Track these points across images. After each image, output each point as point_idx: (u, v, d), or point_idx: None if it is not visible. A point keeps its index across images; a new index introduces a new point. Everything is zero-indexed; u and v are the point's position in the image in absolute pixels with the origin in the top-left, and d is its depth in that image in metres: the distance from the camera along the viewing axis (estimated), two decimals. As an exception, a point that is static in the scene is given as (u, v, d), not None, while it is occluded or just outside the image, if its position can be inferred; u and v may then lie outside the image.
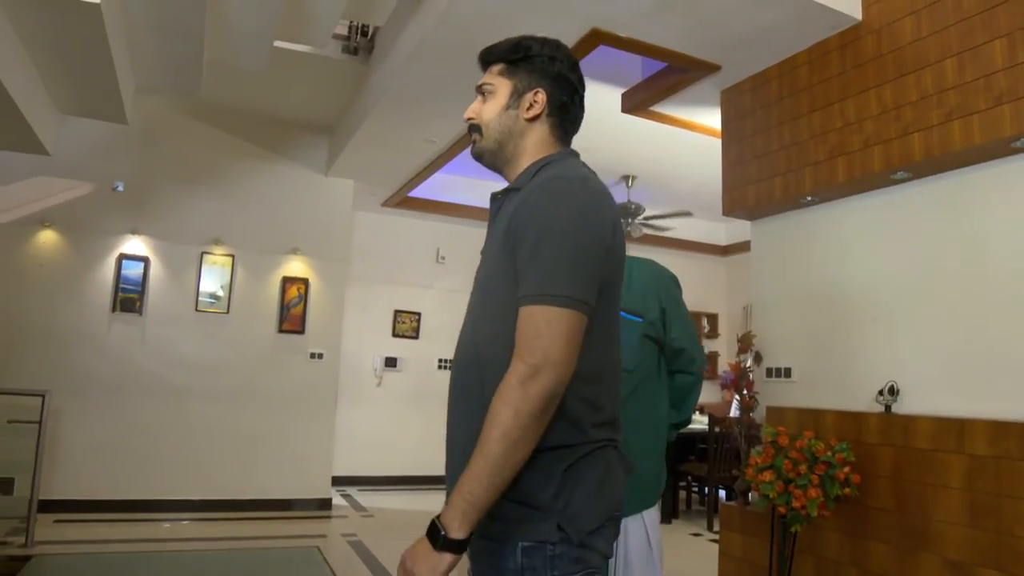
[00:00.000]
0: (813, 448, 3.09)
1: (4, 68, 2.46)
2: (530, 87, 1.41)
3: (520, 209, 1.28)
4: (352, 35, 4.98)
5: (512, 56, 1.43)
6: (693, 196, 7.80)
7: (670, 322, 2.18)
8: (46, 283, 5.68)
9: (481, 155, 1.46)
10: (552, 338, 1.17)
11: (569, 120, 1.47)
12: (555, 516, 1.22)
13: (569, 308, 1.19)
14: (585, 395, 1.26)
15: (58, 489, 5.36)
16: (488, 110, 1.43)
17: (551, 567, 1.22)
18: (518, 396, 1.15)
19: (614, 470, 1.32)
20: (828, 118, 3.50)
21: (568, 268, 1.21)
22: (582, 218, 1.24)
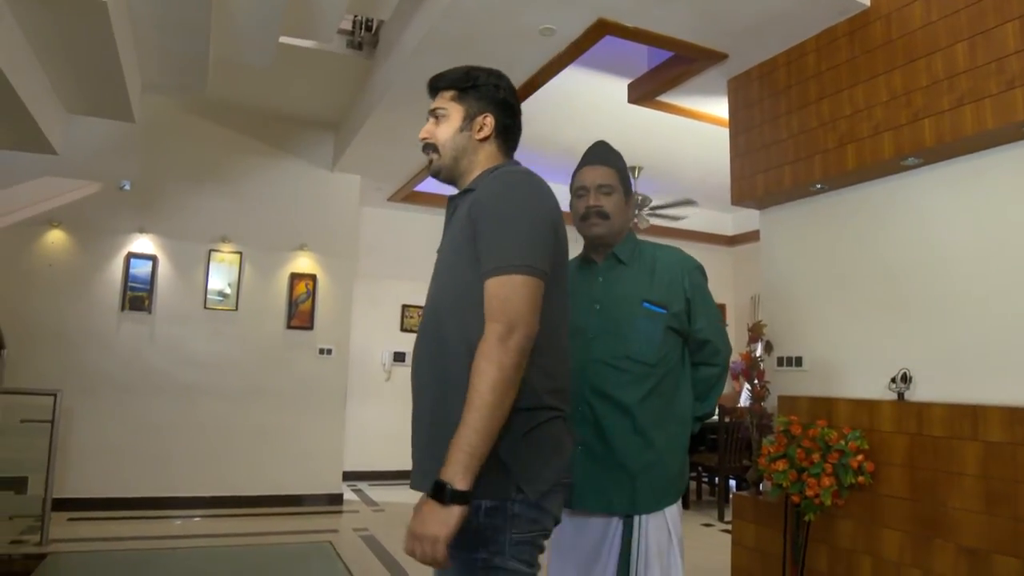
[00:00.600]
0: (826, 437, 3.09)
1: (12, 68, 2.46)
2: (480, 112, 1.61)
3: (478, 199, 1.48)
4: (356, 30, 4.97)
5: (463, 84, 1.62)
6: (700, 186, 7.77)
7: (695, 313, 2.09)
8: (55, 283, 5.70)
9: (439, 172, 1.65)
10: (519, 300, 1.35)
11: (512, 138, 1.68)
12: (515, 477, 1.37)
13: (530, 275, 1.38)
14: (540, 364, 1.42)
15: (71, 488, 5.39)
16: (443, 132, 1.61)
17: (511, 525, 1.36)
18: (499, 352, 1.31)
19: (564, 439, 1.48)
20: (837, 105, 3.47)
21: (526, 242, 1.40)
22: (532, 201, 1.47)
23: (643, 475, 1.96)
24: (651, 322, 2.02)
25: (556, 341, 1.49)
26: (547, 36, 3.70)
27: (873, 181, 3.43)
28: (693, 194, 7.75)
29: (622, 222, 2.11)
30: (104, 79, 3.05)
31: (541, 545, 1.43)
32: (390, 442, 7.58)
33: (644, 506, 1.96)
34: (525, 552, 1.38)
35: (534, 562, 1.41)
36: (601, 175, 2.09)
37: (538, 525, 1.40)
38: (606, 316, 2.04)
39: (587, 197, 2.09)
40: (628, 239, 2.15)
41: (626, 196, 2.13)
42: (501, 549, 1.35)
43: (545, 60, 3.99)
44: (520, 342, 1.33)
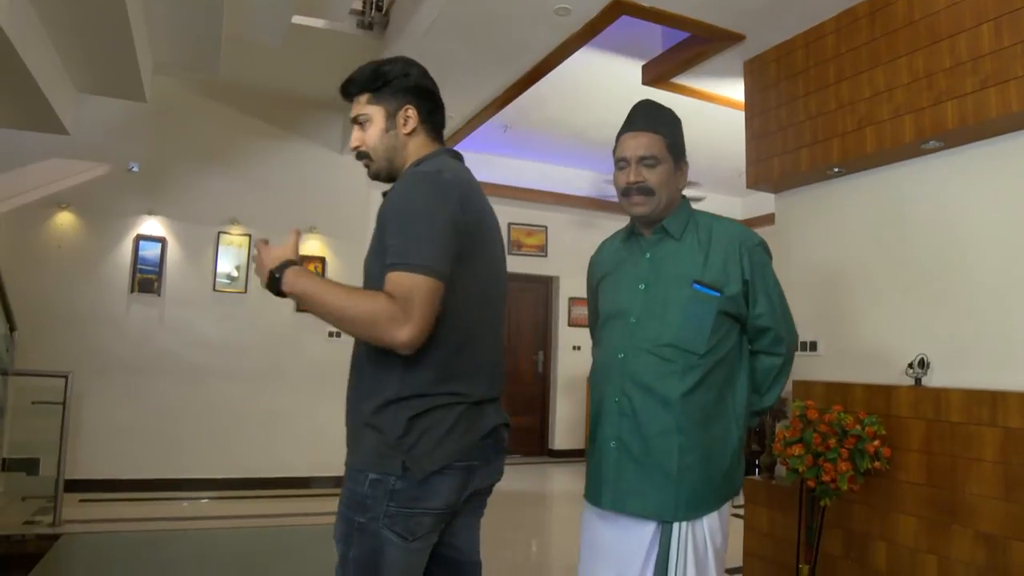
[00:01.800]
0: (842, 422, 3.06)
1: (24, 47, 2.44)
2: (399, 106, 1.64)
3: (387, 199, 1.55)
4: (367, 9, 4.91)
5: (374, 85, 1.64)
6: (710, 170, 7.72)
7: (755, 296, 1.84)
8: (65, 265, 5.70)
9: (378, 175, 1.70)
10: (420, 298, 1.41)
11: (437, 122, 1.71)
12: (401, 455, 1.46)
13: (426, 275, 1.42)
14: (435, 357, 1.49)
15: (82, 469, 5.41)
16: (370, 136, 1.65)
17: (389, 499, 1.45)
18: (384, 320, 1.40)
19: (462, 424, 1.52)
20: (857, 87, 3.42)
21: (422, 241, 1.45)
22: (431, 201, 1.49)
23: (684, 478, 1.76)
24: (702, 306, 1.78)
25: (465, 335, 1.54)
26: (562, 16, 3.66)
27: (892, 164, 3.38)
28: (703, 177, 7.71)
29: (670, 195, 1.87)
30: (116, 58, 3.02)
31: (425, 523, 1.50)
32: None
33: (684, 512, 1.75)
34: (399, 524, 1.46)
35: (411, 535, 1.48)
36: (644, 144, 1.84)
37: (419, 503, 1.47)
38: (652, 298, 1.83)
39: (628, 171, 1.86)
40: (681, 209, 1.91)
41: (676, 164, 1.88)
42: (377, 517, 1.46)
43: (559, 41, 3.95)
44: (408, 337, 1.40)
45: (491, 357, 1.62)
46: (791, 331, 1.92)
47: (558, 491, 7.07)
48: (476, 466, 1.56)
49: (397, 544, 1.47)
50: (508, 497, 6.50)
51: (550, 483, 7.41)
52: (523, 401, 8.44)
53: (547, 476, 7.66)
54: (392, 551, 1.47)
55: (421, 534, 1.50)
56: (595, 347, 1.99)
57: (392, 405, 1.48)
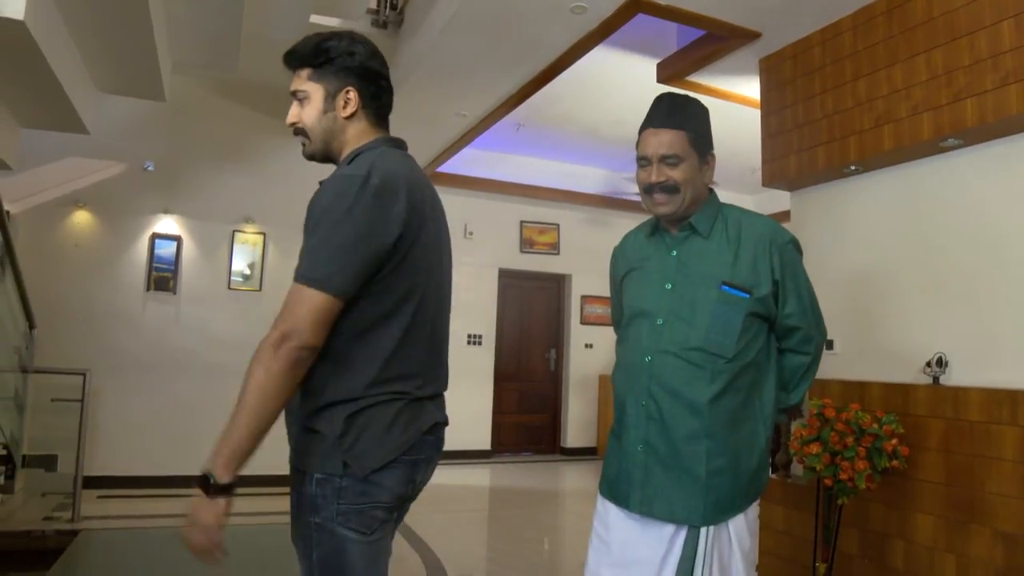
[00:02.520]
0: (860, 420, 3.06)
1: (50, 49, 2.46)
2: (341, 87, 1.55)
3: (311, 201, 1.47)
4: (382, 8, 4.93)
5: (315, 61, 1.55)
6: (723, 167, 7.65)
7: (784, 295, 1.77)
8: (82, 263, 5.75)
9: (313, 156, 1.62)
10: (301, 315, 1.37)
11: (382, 106, 1.62)
12: (341, 454, 1.44)
13: (320, 291, 1.38)
14: (369, 361, 1.46)
15: (99, 466, 5.46)
16: (308, 115, 1.57)
17: (338, 497, 1.45)
18: (268, 356, 1.36)
19: (403, 420, 1.50)
20: (874, 85, 3.41)
21: (327, 256, 1.39)
22: (350, 212, 1.40)
23: (713, 483, 1.72)
24: (730, 308, 1.72)
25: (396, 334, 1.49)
26: (578, 14, 3.66)
27: (910, 163, 3.37)
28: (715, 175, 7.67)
29: (696, 191, 1.79)
30: (138, 58, 3.05)
31: (379, 516, 1.50)
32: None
33: (712, 516, 1.72)
34: (353, 520, 1.46)
35: (368, 529, 1.48)
36: (666, 142, 1.76)
37: (367, 498, 1.47)
38: (679, 298, 1.77)
39: (650, 170, 1.78)
40: (709, 205, 1.83)
41: (701, 158, 1.80)
42: (331, 516, 1.45)
43: (575, 39, 3.95)
44: (290, 351, 1.36)
45: (433, 355, 1.60)
46: (821, 330, 1.88)
47: (571, 489, 7.08)
48: (421, 460, 1.55)
49: (356, 540, 1.47)
50: (522, 495, 6.52)
51: (563, 481, 7.42)
52: (536, 399, 8.46)
53: (560, 474, 7.68)
54: (353, 547, 1.47)
55: (377, 526, 1.50)
56: (619, 345, 1.94)
57: (328, 408, 1.47)
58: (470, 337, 7.92)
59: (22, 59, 2.40)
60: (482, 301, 8.05)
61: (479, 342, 8.02)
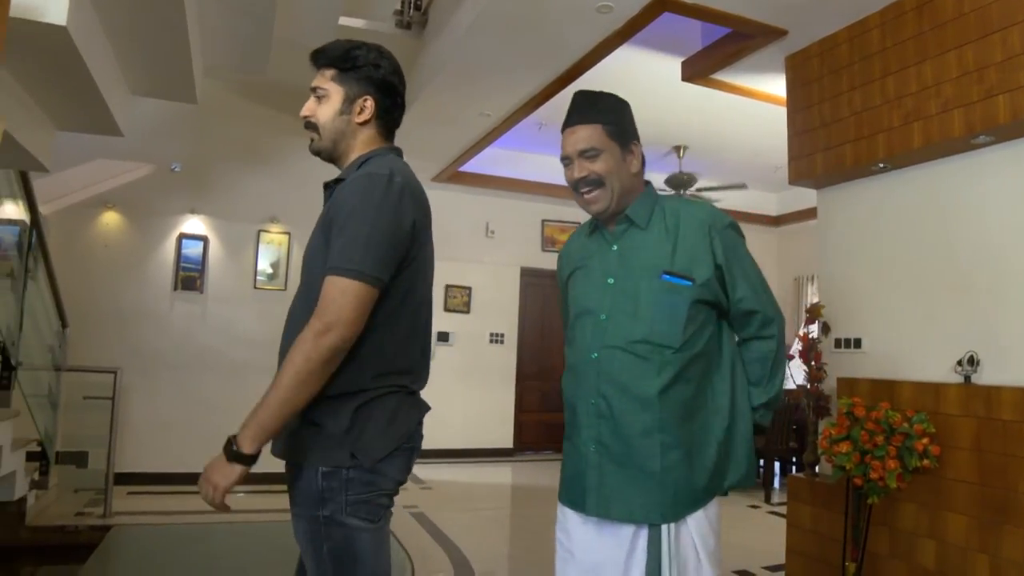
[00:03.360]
0: (890, 419, 3.05)
1: (88, 53, 2.51)
2: (360, 94, 1.64)
3: (336, 197, 1.55)
4: (406, 9, 4.96)
5: (342, 64, 1.64)
6: (746, 166, 7.67)
7: (732, 279, 1.73)
8: (111, 263, 5.84)
9: (319, 152, 1.69)
10: (343, 304, 1.44)
11: (392, 120, 1.71)
12: (348, 446, 1.50)
13: (360, 281, 1.45)
14: (374, 355, 1.53)
15: (129, 462, 5.55)
16: (323, 113, 1.65)
17: (346, 489, 1.50)
18: (310, 346, 1.42)
19: (403, 411, 1.59)
20: (903, 82, 3.39)
21: (363, 248, 1.47)
22: (380, 208, 1.50)
23: (668, 477, 1.67)
24: (673, 297, 1.68)
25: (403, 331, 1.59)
26: (604, 14, 3.66)
27: (940, 160, 3.34)
28: (738, 173, 7.66)
29: (623, 181, 1.76)
30: (172, 61, 3.10)
31: (384, 503, 1.57)
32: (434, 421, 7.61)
33: (671, 513, 1.67)
34: (362, 510, 1.52)
35: (375, 519, 1.55)
36: (583, 138, 1.75)
37: (374, 487, 1.53)
38: (621, 292, 1.74)
39: (572, 168, 1.78)
40: (645, 197, 1.80)
41: (624, 147, 1.77)
42: (340, 508, 1.50)
43: (600, 38, 3.95)
44: (333, 342, 1.43)
45: (424, 353, 1.69)
46: (777, 311, 1.80)
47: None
48: (415, 448, 1.65)
49: (365, 528, 1.52)
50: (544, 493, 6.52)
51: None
52: (558, 398, 8.42)
53: (581, 472, 7.69)
54: (363, 536, 1.52)
55: (382, 514, 1.57)
56: (567, 347, 1.89)
57: (334, 400, 1.51)
58: (492, 336, 7.95)
59: (62, 63, 2.45)
60: (504, 300, 8.07)
61: (501, 341, 8.04)
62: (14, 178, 4.22)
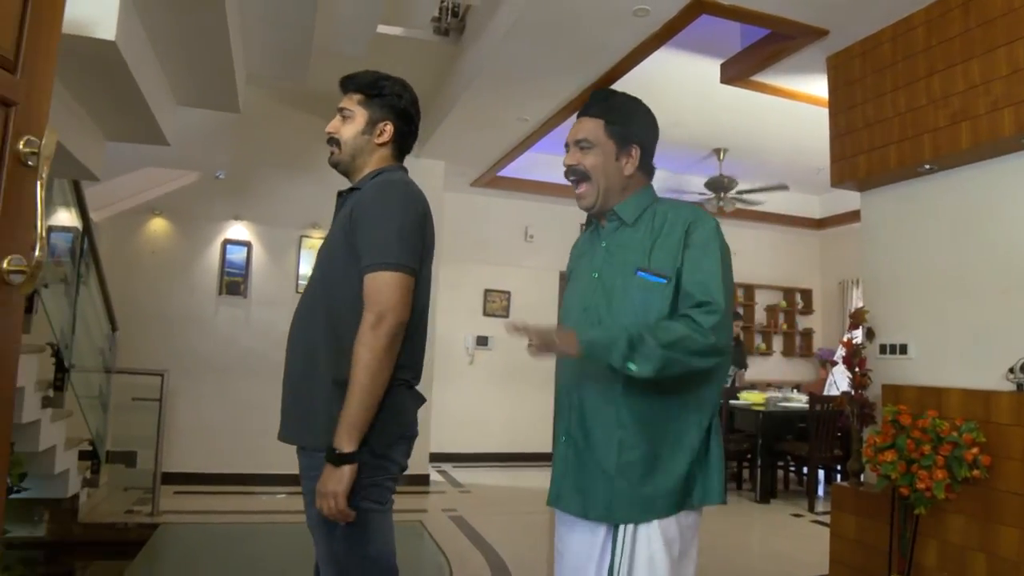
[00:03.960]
0: (937, 428, 2.96)
1: (136, 66, 2.59)
2: (382, 119, 1.84)
3: (360, 202, 1.72)
4: (443, 16, 5.00)
5: (370, 91, 1.84)
6: (787, 168, 7.54)
7: (689, 265, 1.64)
8: (159, 269, 6.00)
9: (337, 164, 1.87)
10: (390, 293, 1.62)
11: (406, 145, 1.91)
12: (366, 434, 1.61)
13: (399, 271, 1.64)
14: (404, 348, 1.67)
15: (175, 463, 5.68)
16: (347, 131, 1.84)
17: (359, 474, 1.60)
18: (370, 338, 1.59)
19: (407, 403, 1.74)
20: (949, 81, 3.30)
21: (396, 242, 1.65)
22: (404, 207, 1.70)
23: (623, 478, 1.62)
24: (650, 295, 1.64)
25: (419, 325, 1.76)
26: (641, 17, 3.64)
27: (989, 160, 3.25)
28: (780, 176, 7.53)
29: (613, 179, 1.76)
30: (215, 72, 3.18)
31: (390, 486, 1.71)
32: (473, 425, 7.69)
33: (623, 515, 1.61)
34: (373, 493, 1.66)
35: (384, 501, 1.70)
36: (582, 128, 1.78)
37: (383, 471, 1.68)
38: (602, 287, 1.73)
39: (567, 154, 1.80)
40: (639, 196, 1.78)
41: (621, 147, 1.76)
42: (354, 491, 1.60)
43: (637, 42, 3.93)
44: (389, 327, 1.60)
45: (423, 349, 1.83)
46: (726, 323, 1.61)
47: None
48: (415, 436, 1.79)
49: (376, 510, 1.66)
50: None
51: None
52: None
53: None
54: (375, 518, 1.66)
55: (388, 497, 1.72)
56: None
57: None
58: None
59: (111, 77, 2.53)
60: (543, 304, 8.06)
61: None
62: (67, 187, 4.37)
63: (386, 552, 1.71)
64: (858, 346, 3.62)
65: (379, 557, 1.69)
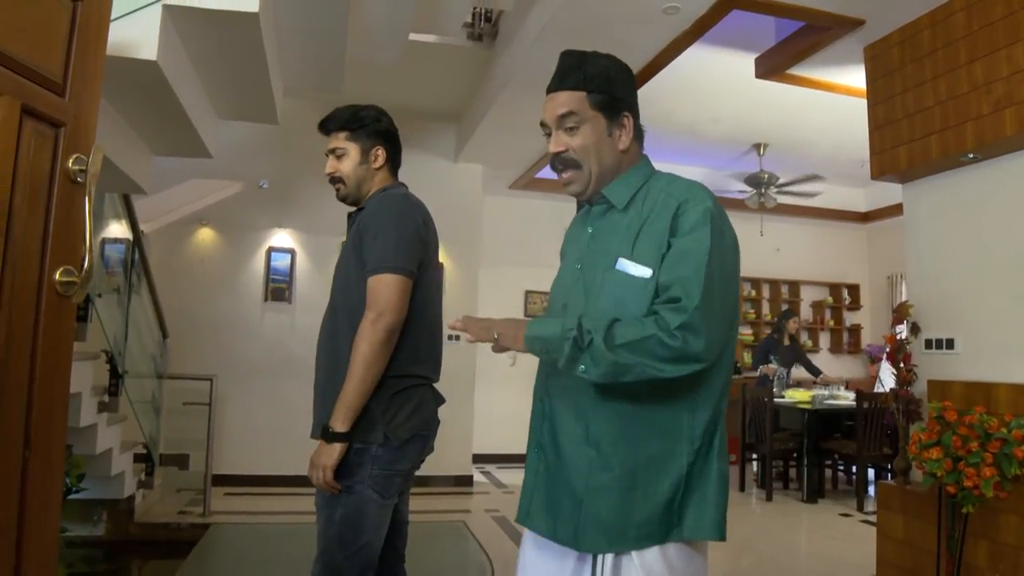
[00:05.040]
0: (986, 424, 2.89)
1: (176, 81, 2.70)
2: (372, 145, 2.02)
3: (363, 215, 1.91)
4: (476, 21, 5.05)
5: (353, 126, 2.01)
6: (829, 162, 7.41)
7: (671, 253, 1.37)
8: (207, 277, 6.18)
9: (346, 198, 2.05)
10: (388, 293, 1.78)
11: (398, 161, 2.10)
12: (383, 426, 1.80)
13: (398, 274, 1.80)
14: (407, 342, 1.84)
15: (225, 465, 5.83)
16: (346, 166, 2.01)
17: (372, 463, 1.79)
18: (369, 332, 1.76)
19: (426, 401, 1.91)
20: (993, 67, 3.21)
21: (394, 247, 1.82)
22: (401, 218, 1.88)
23: (593, 500, 1.38)
24: (627, 291, 1.38)
25: (420, 327, 1.89)
26: (671, 15, 3.63)
27: (1036, 148, 3.15)
28: (823, 170, 7.40)
29: (607, 159, 1.48)
30: (253, 85, 3.28)
31: (396, 482, 1.85)
32: (516, 426, 7.70)
33: (589, 542, 1.38)
34: (380, 484, 1.81)
35: (388, 494, 1.83)
36: (562, 102, 1.46)
37: (395, 464, 1.83)
38: (583, 280, 1.48)
39: (550, 139, 1.50)
40: (632, 174, 1.51)
41: (610, 118, 1.47)
42: (362, 479, 1.79)
43: (668, 40, 3.92)
44: (387, 324, 1.76)
45: (439, 348, 1.98)
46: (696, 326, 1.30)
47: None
48: (429, 435, 1.93)
49: (376, 501, 1.81)
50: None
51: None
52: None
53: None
54: (372, 507, 1.81)
55: (393, 492, 1.85)
56: None
57: (383, 382, 1.80)
58: (571, 341, 7.94)
59: (154, 94, 2.64)
60: (582, 304, 8.07)
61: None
62: (118, 200, 4.54)
63: (374, 543, 1.84)
64: (902, 341, 3.54)
65: (365, 546, 1.82)
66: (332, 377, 1.85)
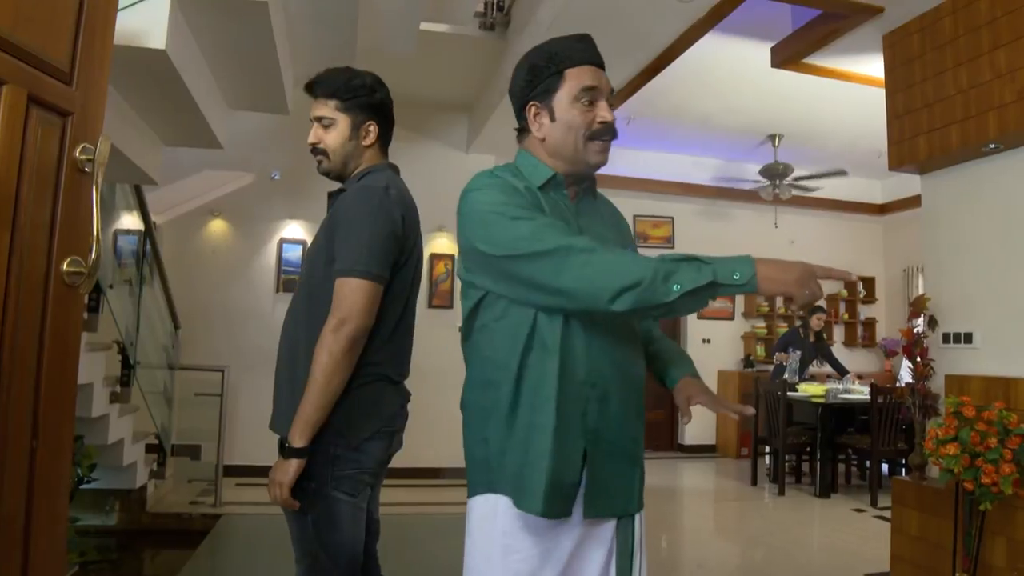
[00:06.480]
0: (1005, 420, 2.84)
1: (186, 71, 2.68)
2: (365, 120, 1.84)
3: (337, 207, 1.76)
4: (488, 11, 5.01)
5: (346, 95, 1.81)
6: (846, 153, 7.32)
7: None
8: (218, 268, 6.18)
9: (328, 173, 1.88)
10: (354, 299, 1.64)
11: (389, 137, 1.92)
12: (337, 426, 1.67)
13: (366, 279, 1.65)
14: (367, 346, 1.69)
15: (236, 455, 5.84)
16: (332, 139, 1.83)
17: (332, 465, 1.68)
18: (330, 340, 1.62)
19: (386, 397, 1.77)
20: (1016, 54, 3.14)
21: (366, 250, 1.66)
22: (376, 216, 1.70)
23: (642, 466, 1.54)
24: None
25: (391, 327, 1.77)
26: (685, 3, 3.58)
27: (1060, 138, 3.09)
28: (839, 161, 7.32)
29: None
30: (263, 75, 3.26)
31: (363, 480, 1.74)
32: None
33: (640, 502, 1.52)
34: (345, 485, 1.70)
35: (355, 493, 1.73)
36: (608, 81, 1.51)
37: (357, 464, 1.71)
38: None
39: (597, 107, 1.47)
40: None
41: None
42: (325, 481, 1.68)
43: (683, 28, 3.87)
44: (350, 332, 1.63)
45: (407, 346, 1.86)
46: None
47: (688, 487, 6.95)
48: (396, 431, 1.82)
49: (347, 502, 1.71)
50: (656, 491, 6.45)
51: (680, 478, 7.29)
52: (652, 396, 8.20)
53: (677, 471, 7.54)
54: (344, 507, 1.71)
55: (361, 490, 1.75)
56: None
57: None
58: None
59: (164, 84, 2.63)
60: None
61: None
62: (130, 192, 4.54)
63: (353, 541, 1.77)
64: (919, 335, 3.49)
65: (345, 544, 1.74)
66: (288, 370, 1.77)
